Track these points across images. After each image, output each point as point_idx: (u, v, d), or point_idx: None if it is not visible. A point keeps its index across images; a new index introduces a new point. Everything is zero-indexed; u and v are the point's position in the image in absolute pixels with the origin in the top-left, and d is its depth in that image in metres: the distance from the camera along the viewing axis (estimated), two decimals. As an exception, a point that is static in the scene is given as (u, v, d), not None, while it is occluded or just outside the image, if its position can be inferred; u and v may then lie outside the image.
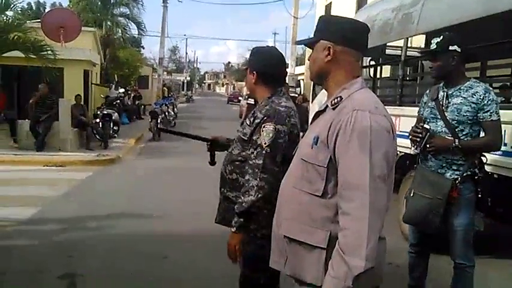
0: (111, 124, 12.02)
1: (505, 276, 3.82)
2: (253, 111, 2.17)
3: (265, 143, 2.00)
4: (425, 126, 2.80)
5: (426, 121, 2.86)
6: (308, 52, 2.25)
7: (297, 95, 12.45)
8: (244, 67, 2.36)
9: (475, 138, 2.72)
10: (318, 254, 1.50)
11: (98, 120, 11.56)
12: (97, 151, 9.93)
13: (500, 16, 3.82)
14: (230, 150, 2.23)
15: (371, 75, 6.49)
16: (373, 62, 6.82)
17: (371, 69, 6.63)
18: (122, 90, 17.48)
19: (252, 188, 1.98)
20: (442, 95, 2.80)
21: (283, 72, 2.28)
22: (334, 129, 1.46)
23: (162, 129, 3.27)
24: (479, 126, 2.71)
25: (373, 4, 6.67)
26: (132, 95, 19.76)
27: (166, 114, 15.31)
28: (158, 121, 13.33)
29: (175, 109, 18.69)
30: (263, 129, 2.02)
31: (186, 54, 69.20)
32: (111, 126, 12.00)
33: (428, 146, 2.76)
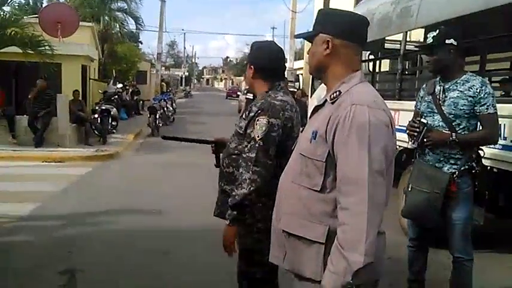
0: (110, 119, 11.97)
1: (504, 270, 3.83)
2: (250, 105, 2.17)
3: (258, 136, 2.00)
4: (423, 120, 2.80)
5: (423, 115, 2.86)
6: (307, 47, 2.23)
7: (295, 90, 12.43)
8: (245, 62, 2.36)
9: (472, 131, 2.72)
10: (316, 248, 1.49)
11: (96, 115, 11.52)
12: (96, 147, 9.92)
13: (500, 9, 3.81)
14: (228, 144, 2.24)
15: (370, 70, 6.47)
16: (372, 56, 6.81)
17: (370, 64, 6.61)
18: (120, 86, 17.38)
19: (244, 181, 1.98)
20: (439, 89, 2.80)
21: (282, 66, 2.27)
22: (333, 123, 1.45)
23: (167, 137, 3.28)
24: (476, 120, 2.71)
25: (372, -3, 6.63)
26: (130, 90, 19.68)
27: (165, 109, 15.28)
28: (157, 116, 13.32)
29: (173, 104, 18.66)
30: (257, 122, 2.03)
31: (184, 49, 69.00)
32: (110, 122, 11.96)
33: (425, 140, 2.76)
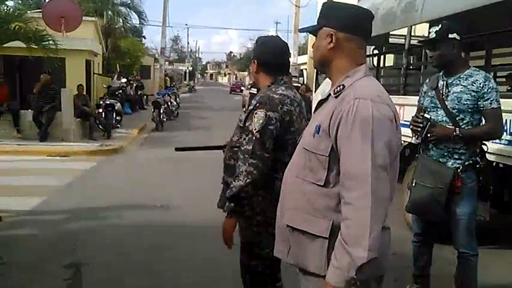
0: (114, 114, 11.98)
1: (508, 266, 3.82)
2: (253, 100, 2.19)
3: (255, 129, 2.01)
4: (426, 115, 2.78)
5: (426, 110, 2.84)
6: (311, 41, 2.22)
7: (299, 85, 12.39)
8: (251, 57, 2.37)
9: (476, 126, 2.71)
10: (320, 243, 1.49)
11: (100, 110, 11.57)
12: (100, 141, 9.96)
13: (506, 4, 3.77)
14: (231, 137, 2.26)
15: (374, 64, 6.44)
16: (376, 51, 6.77)
17: (374, 58, 6.58)
18: (124, 80, 17.41)
19: (241, 173, 2.00)
20: (442, 83, 2.78)
21: (285, 61, 2.26)
22: (336, 118, 1.45)
23: (180, 149, 3.31)
24: (479, 115, 2.69)
25: (377, -8, 6.58)
26: (134, 85, 19.72)
27: (169, 104, 15.31)
28: (161, 111, 13.34)
29: (177, 99, 18.69)
30: (255, 115, 2.04)
31: (188, 43, 68.99)
32: (114, 117, 11.97)
33: (429, 135, 2.75)
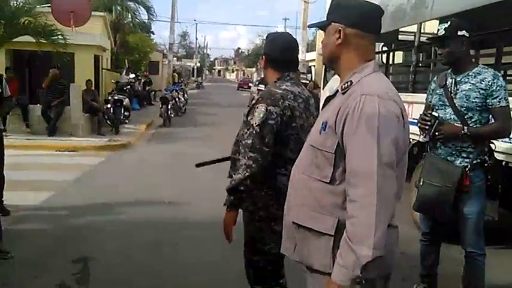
0: (122, 110, 12.03)
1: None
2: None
3: (255, 123, 2.02)
4: (434, 113, 2.76)
5: (434, 108, 2.82)
6: (319, 38, 2.21)
7: (307, 82, 12.35)
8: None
9: (484, 125, 2.68)
10: (326, 240, 1.48)
11: (109, 105, 11.62)
12: (108, 136, 10.02)
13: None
14: (238, 132, 2.26)
15: (383, 61, 6.40)
16: (385, 48, 6.72)
17: (383, 55, 6.53)
18: (133, 76, 17.46)
19: (240, 167, 2.01)
20: (450, 81, 2.75)
21: (292, 58, 2.26)
22: (342, 114, 1.43)
23: (200, 164, 3.26)
24: (488, 113, 2.67)
25: (387, -12, 6.52)
26: (142, 80, 19.79)
27: (177, 100, 15.34)
28: (169, 107, 13.37)
29: (185, 95, 18.69)
30: (255, 109, 2.05)
31: (196, 39, 68.91)
32: (122, 112, 12.02)
33: (437, 133, 2.72)
